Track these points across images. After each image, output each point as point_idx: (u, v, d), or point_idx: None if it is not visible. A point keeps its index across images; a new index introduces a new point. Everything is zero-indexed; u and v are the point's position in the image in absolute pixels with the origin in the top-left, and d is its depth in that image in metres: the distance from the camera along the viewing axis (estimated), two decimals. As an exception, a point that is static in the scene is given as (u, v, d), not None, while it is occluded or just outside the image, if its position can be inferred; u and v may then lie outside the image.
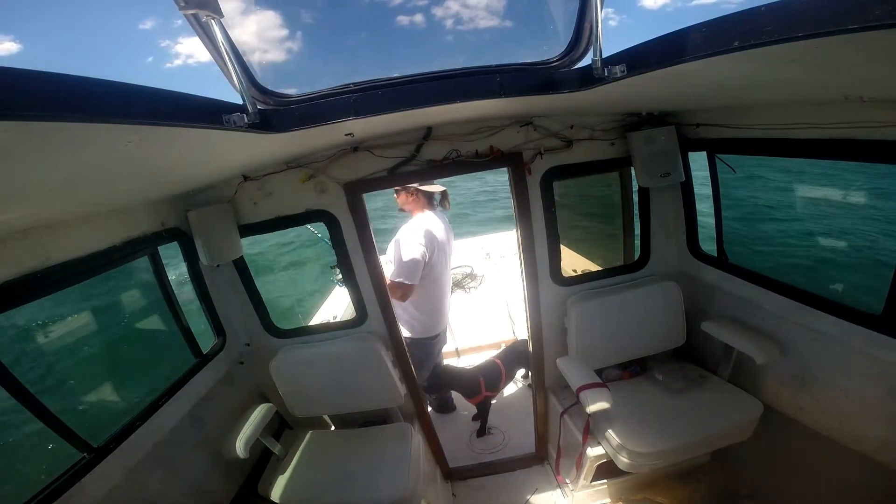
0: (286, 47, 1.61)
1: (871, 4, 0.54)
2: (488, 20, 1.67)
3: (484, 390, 2.93)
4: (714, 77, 1.14)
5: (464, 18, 1.64)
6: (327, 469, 2.15)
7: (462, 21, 1.64)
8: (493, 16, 1.68)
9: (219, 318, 2.26)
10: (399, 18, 1.66)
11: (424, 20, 1.63)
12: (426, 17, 1.63)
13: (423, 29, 1.65)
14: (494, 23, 1.67)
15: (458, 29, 1.65)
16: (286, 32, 1.61)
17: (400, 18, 1.66)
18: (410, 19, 1.64)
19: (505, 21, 1.71)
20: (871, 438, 1.65)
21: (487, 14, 1.67)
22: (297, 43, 1.66)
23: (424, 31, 1.66)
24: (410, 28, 1.66)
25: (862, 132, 1.35)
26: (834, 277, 4.06)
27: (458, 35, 1.66)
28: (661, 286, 2.33)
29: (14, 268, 1.29)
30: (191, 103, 0.92)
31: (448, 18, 1.64)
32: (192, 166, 1.53)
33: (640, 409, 2.15)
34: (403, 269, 2.47)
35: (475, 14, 1.65)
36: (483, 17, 1.66)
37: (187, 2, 1.01)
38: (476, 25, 1.65)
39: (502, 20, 1.70)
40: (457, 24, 1.65)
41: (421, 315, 2.71)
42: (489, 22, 1.67)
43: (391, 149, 2.06)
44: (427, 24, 1.64)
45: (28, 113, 0.55)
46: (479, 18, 1.66)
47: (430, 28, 1.65)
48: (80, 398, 2.26)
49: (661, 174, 2.12)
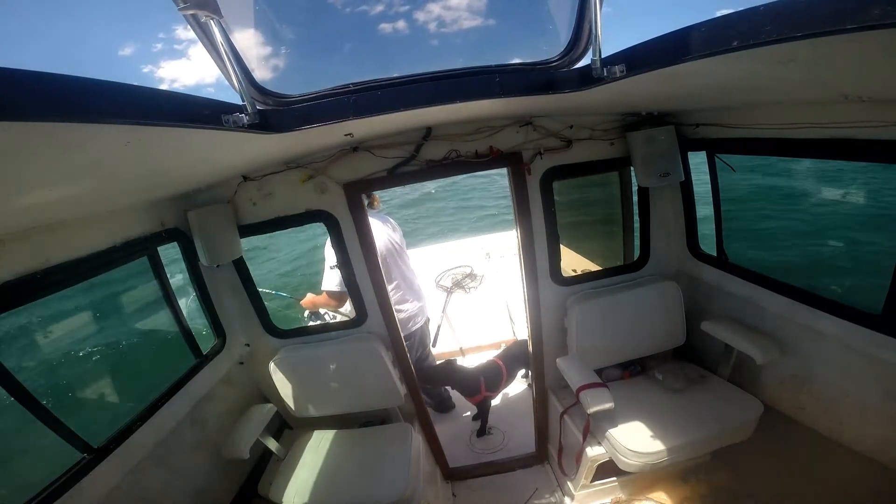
0: (286, 47, 1.61)
1: (870, 4, 0.54)
2: (488, 20, 1.67)
3: (484, 390, 2.93)
4: (713, 77, 1.14)
5: (464, 19, 1.64)
6: (327, 469, 2.15)
7: (462, 21, 1.64)
8: (492, 16, 1.68)
9: (219, 318, 2.26)
10: (399, 18, 1.66)
11: (424, 20, 1.63)
12: (426, 18, 1.63)
13: (424, 29, 1.65)
14: (494, 23, 1.67)
15: (458, 29, 1.65)
16: (286, 33, 1.61)
17: (400, 18, 1.66)
18: (410, 19, 1.65)
19: (505, 21, 1.71)
20: (871, 438, 1.65)
21: (487, 14, 1.67)
22: (297, 43, 1.66)
23: (424, 32, 1.66)
24: (410, 28, 1.66)
25: (862, 132, 1.35)
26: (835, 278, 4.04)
27: (458, 35, 1.66)
28: (660, 286, 2.33)
29: (14, 268, 1.29)
30: (190, 103, 0.92)
31: (448, 19, 1.65)
32: (191, 166, 1.53)
33: (641, 409, 2.14)
34: (329, 280, 2.58)
35: (475, 14, 1.65)
36: (483, 17, 1.67)
37: (187, 2, 1.01)
38: (476, 25, 1.65)
39: (502, 20, 1.70)
40: (457, 25, 1.65)
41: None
42: (489, 22, 1.67)
43: (391, 149, 2.06)
44: (427, 24, 1.64)
45: (28, 113, 0.55)
46: (480, 19, 1.66)
47: (431, 28, 1.65)
48: (80, 398, 2.26)
49: (661, 174, 2.12)
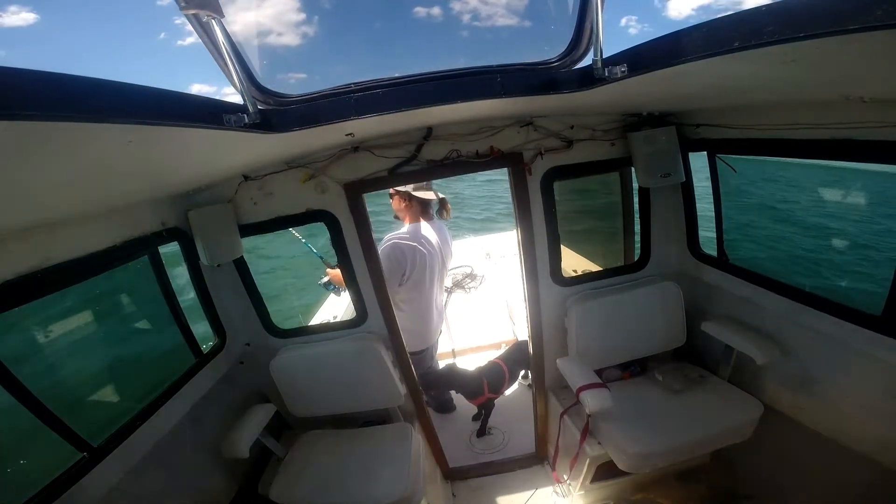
0: (286, 47, 1.61)
1: (871, 5, 0.54)
2: (488, 20, 1.67)
3: (487, 392, 2.93)
4: (714, 77, 1.14)
5: (464, 18, 1.64)
6: (327, 469, 2.15)
7: (462, 21, 1.64)
8: (493, 16, 1.68)
9: (219, 318, 2.26)
10: (399, 18, 1.66)
11: (425, 20, 1.63)
12: (427, 18, 1.63)
13: (424, 29, 1.65)
14: (495, 23, 1.67)
15: (458, 29, 1.65)
16: (286, 33, 1.61)
17: (400, 18, 1.66)
18: (411, 19, 1.65)
19: (506, 21, 1.71)
20: (871, 438, 1.65)
21: (488, 14, 1.67)
22: (297, 43, 1.66)
23: (425, 32, 1.66)
24: (411, 28, 1.66)
25: (862, 132, 1.35)
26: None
27: (459, 35, 1.66)
28: (661, 286, 2.33)
29: (14, 268, 1.28)
30: (191, 103, 0.92)
31: (449, 18, 1.65)
32: (192, 166, 1.53)
33: (641, 410, 2.15)
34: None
35: (475, 14, 1.65)
36: (483, 17, 1.66)
37: (188, 2, 1.01)
38: (477, 25, 1.65)
39: (502, 20, 1.70)
40: (457, 24, 1.65)
41: (408, 325, 2.63)
42: (490, 22, 1.67)
43: (392, 149, 2.06)
44: (427, 24, 1.64)
45: (28, 113, 0.55)
46: (480, 18, 1.66)
47: (431, 28, 1.65)
48: (79, 398, 2.25)
49: (662, 174, 2.12)
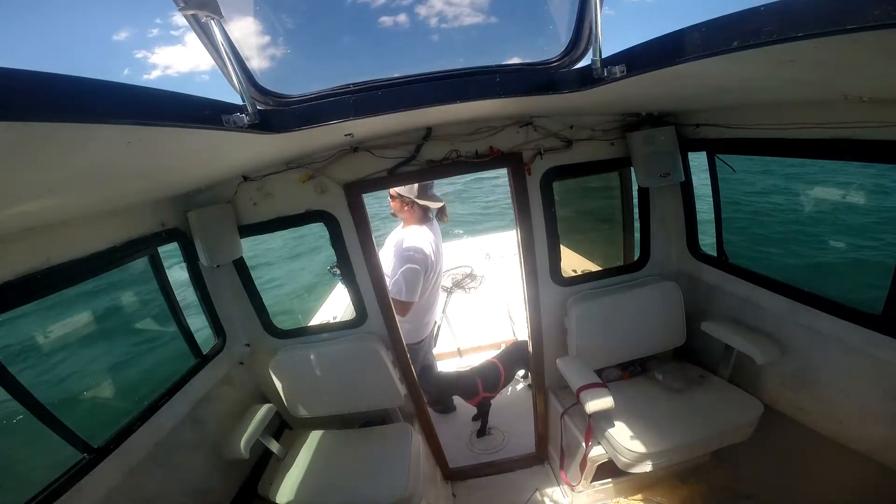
0: (286, 47, 1.61)
1: (870, 4, 0.54)
2: (488, 20, 1.67)
3: (482, 391, 2.93)
4: (714, 77, 1.14)
5: (464, 19, 1.64)
6: (327, 469, 2.15)
7: (462, 21, 1.64)
8: (493, 16, 1.68)
9: (219, 318, 2.26)
10: (399, 18, 1.66)
11: (424, 20, 1.63)
12: (426, 18, 1.63)
13: (424, 29, 1.65)
14: (494, 23, 1.67)
15: (458, 29, 1.65)
16: (287, 33, 1.61)
17: (399, 18, 1.66)
18: (410, 19, 1.65)
19: (505, 21, 1.71)
20: (870, 438, 1.65)
21: (487, 14, 1.67)
22: (297, 43, 1.66)
23: (424, 32, 1.66)
24: (411, 28, 1.66)
25: (862, 132, 1.35)
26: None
27: (459, 35, 1.66)
28: (660, 286, 2.33)
29: (14, 268, 1.29)
30: (191, 104, 0.92)
31: (448, 19, 1.64)
32: (191, 167, 1.53)
33: (641, 410, 2.14)
34: (406, 287, 2.48)
35: (475, 14, 1.65)
36: (483, 17, 1.66)
37: (187, 2, 1.01)
38: (476, 25, 1.65)
39: (502, 20, 1.70)
40: (457, 25, 1.65)
41: (407, 323, 2.67)
42: (489, 22, 1.67)
43: (391, 149, 2.06)
44: (427, 24, 1.64)
45: (27, 113, 0.55)
46: (480, 18, 1.66)
47: (431, 28, 1.65)
48: (80, 398, 2.26)
49: (661, 174, 2.12)
